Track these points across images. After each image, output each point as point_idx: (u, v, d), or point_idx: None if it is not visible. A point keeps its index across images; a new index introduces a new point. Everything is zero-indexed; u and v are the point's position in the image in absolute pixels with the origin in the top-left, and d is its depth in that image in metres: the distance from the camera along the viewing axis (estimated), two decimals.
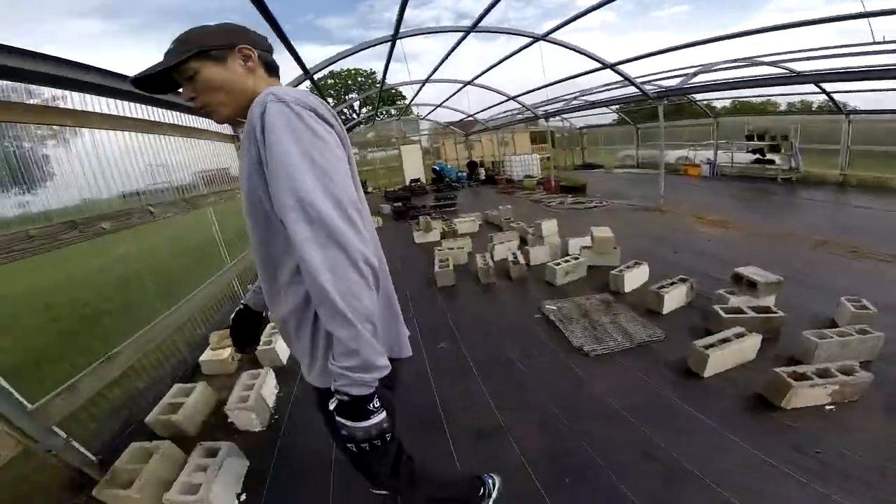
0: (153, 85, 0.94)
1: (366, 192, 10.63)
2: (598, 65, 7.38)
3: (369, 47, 5.91)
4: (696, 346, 2.39)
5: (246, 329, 1.36)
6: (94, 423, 2.33)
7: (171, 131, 3.57)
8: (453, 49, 6.97)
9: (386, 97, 21.74)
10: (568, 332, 3.05)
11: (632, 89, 8.35)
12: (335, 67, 26.68)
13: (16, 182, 2.39)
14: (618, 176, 13.85)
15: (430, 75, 9.12)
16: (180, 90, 0.96)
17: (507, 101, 11.81)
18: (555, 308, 3.46)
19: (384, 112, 19.21)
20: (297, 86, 5.57)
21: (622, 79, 7.85)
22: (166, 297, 3.21)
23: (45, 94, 2.48)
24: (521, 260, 4.46)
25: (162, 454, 1.98)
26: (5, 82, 2.14)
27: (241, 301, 1.37)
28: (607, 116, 17.16)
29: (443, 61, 7.76)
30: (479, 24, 5.69)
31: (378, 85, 10.26)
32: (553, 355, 2.81)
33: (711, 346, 2.37)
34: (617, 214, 7.31)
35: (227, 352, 3.11)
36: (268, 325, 3.51)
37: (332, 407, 0.90)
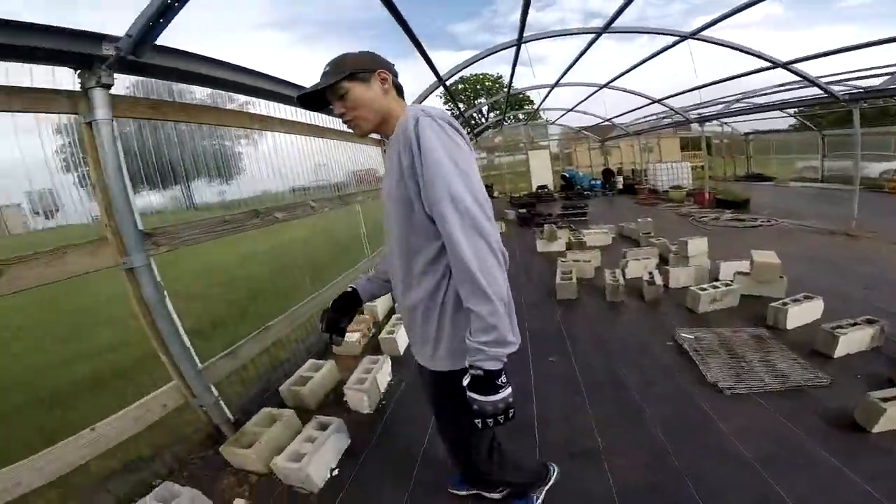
0: (312, 102, 1.16)
1: (491, 197, 10.32)
2: (767, 63, 6.13)
3: (495, 52, 5.85)
4: (870, 396, 1.98)
5: (342, 312, 1.38)
6: (241, 386, 2.69)
7: (332, 135, 4.03)
8: (584, 51, 6.51)
9: (514, 101, 21.67)
10: (703, 364, 2.63)
11: (811, 91, 6.82)
12: (464, 72, 27.61)
13: (219, 174, 2.96)
14: (793, 190, 11.46)
15: (560, 79, 8.72)
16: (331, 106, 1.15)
17: (650, 104, 10.69)
18: (691, 337, 3.00)
19: (512, 117, 19.13)
20: (431, 92, 5.83)
21: (799, 79, 6.40)
22: (316, 280, 3.62)
23: (241, 99, 3.01)
24: (658, 280, 3.93)
25: (284, 422, 2.19)
26: (214, 90, 2.62)
27: (350, 285, 1.43)
28: (782, 121, 14.25)
29: (573, 64, 7.33)
30: (613, 25, 5.22)
31: (505, 89, 10.19)
32: (678, 387, 2.48)
33: (893, 399, 1.94)
34: (788, 237, 5.98)
35: (356, 335, 3.38)
36: (392, 316, 3.75)
37: (465, 383, 1.02)
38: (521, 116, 18.82)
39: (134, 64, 1.83)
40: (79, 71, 1.74)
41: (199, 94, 2.67)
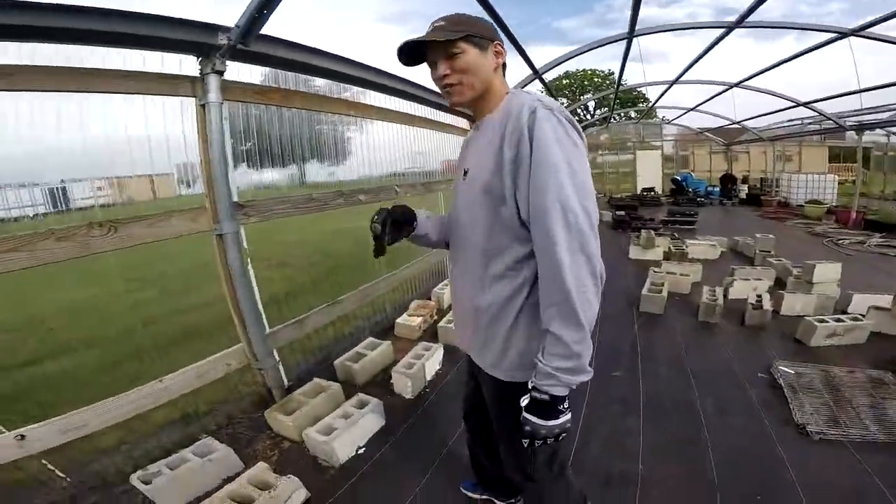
0: (411, 54, 1.01)
1: None
2: None
3: (599, 46, 5.47)
4: None
5: (395, 225, 1.14)
6: (301, 355, 2.90)
7: (422, 123, 4.15)
8: (711, 47, 5.70)
9: (625, 99, 20.04)
10: (795, 402, 2.31)
11: None
12: (570, 67, 26.30)
13: (330, 157, 3.24)
14: None
15: (680, 76, 7.79)
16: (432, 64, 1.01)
17: (793, 107, 9.10)
18: (791, 372, 2.60)
19: (621, 114, 17.77)
20: (524, 86, 5.64)
21: None
22: (389, 262, 3.79)
23: (353, 90, 3.22)
24: (767, 305, 3.39)
25: (328, 394, 2.31)
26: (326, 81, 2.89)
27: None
28: None
29: (696, 60, 6.47)
30: (750, 20, 4.50)
31: (615, 85, 9.43)
32: (756, 422, 2.20)
33: None
34: None
35: (417, 320, 3.47)
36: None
37: (523, 404, 0.95)
38: (632, 114, 17.40)
39: (243, 52, 2.03)
40: (200, 58, 1.98)
41: (319, 83, 2.94)
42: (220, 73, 2.04)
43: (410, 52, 1.00)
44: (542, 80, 5.87)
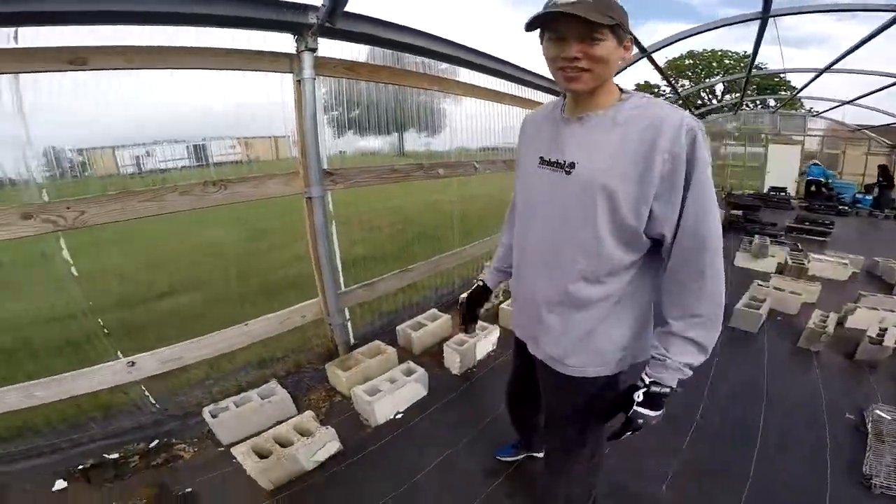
0: (534, 20, 0.92)
1: None
2: None
3: (724, 26, 4.74)
4: None
5: (477, 305, 1.47)
6: (369, 316, 3.14)
7: (508, 101, 4.06)
8: (875, 34, 4.61)
9: (763, 85, 17.19)
10: (874, 451, 2.01)
11: None
12: (696, 47, 23.24)
13: (427, 128, 3.43)
14: None
15: (833, 63, 6.40)
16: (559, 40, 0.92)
17: None
18: (888, 418, 2.22)
19: (756, 101, 15.37)
20: (631, 64, 5.17)
21: None
22: (464, 236, 3.89)
23: (443, 66, 3.30)
24: (891, 342, 2.83)
25: (383, 357, 2.49)
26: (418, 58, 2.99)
27: (478, 279, 1.49)
28: None
29: (855, 48, 5.28)
30: None
31: (750, 70, 8.11)
32: (816, 464, 1.97)
33: None
34: None
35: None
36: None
37: (638, 399, 1.01)
38: (771, 102, 14.96)
39: (331, 30, 2.16)
40: (295, 36, 2.16)
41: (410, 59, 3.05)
42: (313, 50, 2.19)
43: (536, 18, 0.91)
44: (651, 60, 5.33)
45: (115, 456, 2.12)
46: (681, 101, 15.58)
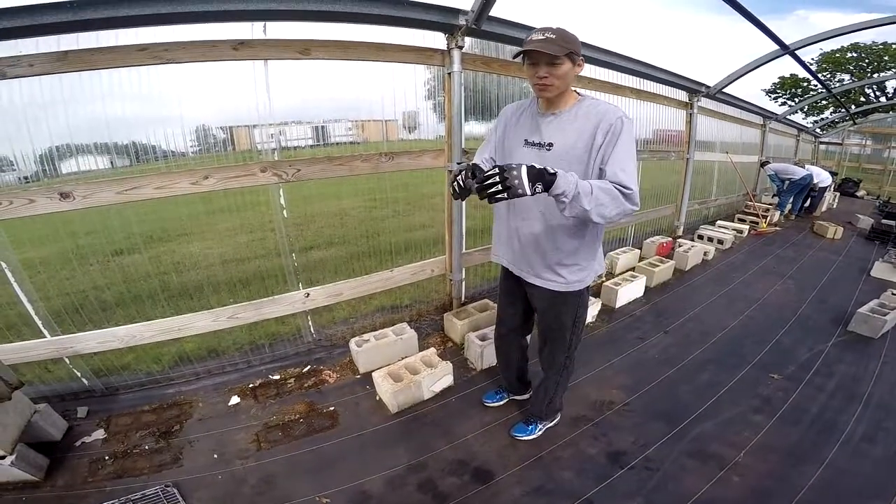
0: (522, 53, 1.39)
1: (853, 196, 9.88)
2: None
3: (871, 27, 4.24)
4: None
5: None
6: (482, 279, 3.59)
7: (628, 93, 4.22)
8: None
9: None
10: None
11: None
12: (861, 40, 19.56)
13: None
14: None
15: None
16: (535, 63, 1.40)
17: None
18: None
19: None
20: (768, 62, 4.83)
21: None
22: None
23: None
24: None
25: (490, 313, 2.92)
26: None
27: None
28: None
29: None
30: None
31: None
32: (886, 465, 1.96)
33: None
34: None
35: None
36: (626, 273, 3.83)
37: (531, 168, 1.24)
38: None
39: (476, 31, 2.50)
40: (447, 35, 2.55)
41: None
42: (461, 47, 2.55)
43: (521, 52, 1.38)
44: (794, 56, 4.89)
45: (277, 377, 2.56)
46: (831, 99, 13.39)
